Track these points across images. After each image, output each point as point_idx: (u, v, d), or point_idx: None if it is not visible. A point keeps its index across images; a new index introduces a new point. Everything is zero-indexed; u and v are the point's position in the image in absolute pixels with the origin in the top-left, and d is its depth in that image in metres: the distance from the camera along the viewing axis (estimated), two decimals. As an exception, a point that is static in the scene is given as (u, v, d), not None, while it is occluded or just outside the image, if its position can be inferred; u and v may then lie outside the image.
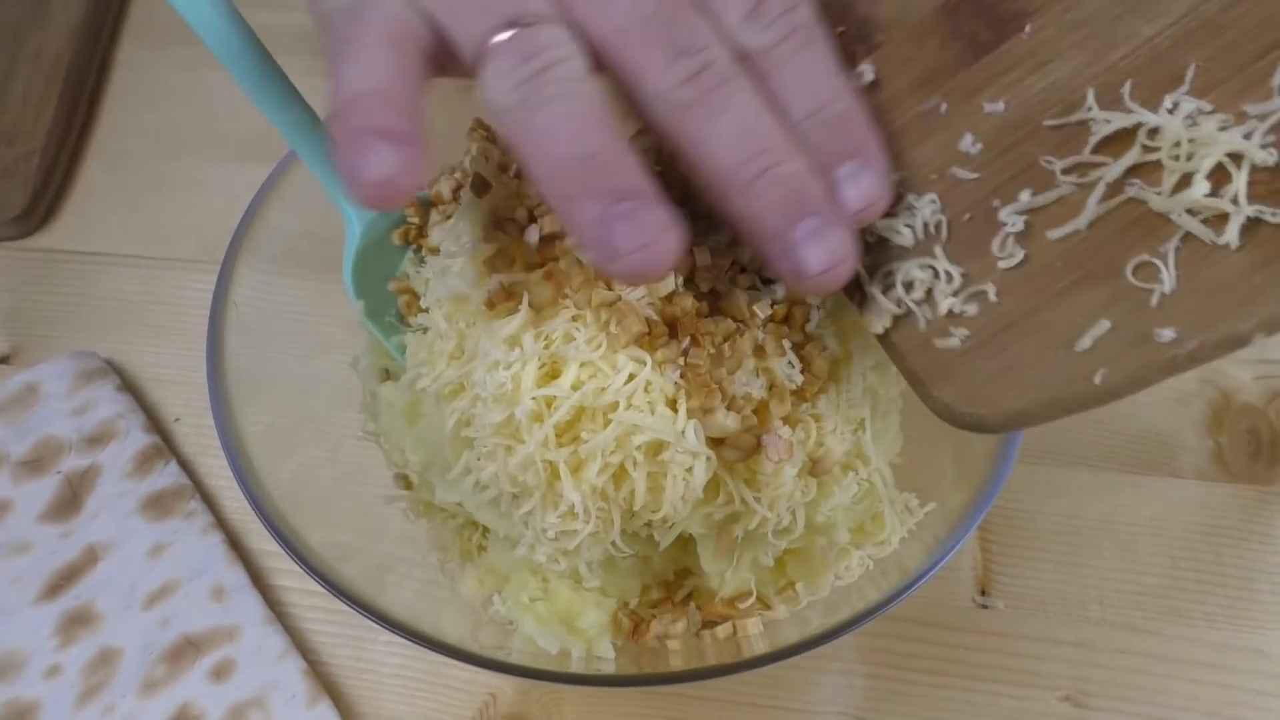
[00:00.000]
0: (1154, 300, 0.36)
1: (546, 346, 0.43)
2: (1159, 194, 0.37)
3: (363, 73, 0.37)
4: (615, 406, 0.42)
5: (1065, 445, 0.69)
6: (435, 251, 0.56)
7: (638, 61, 0.38)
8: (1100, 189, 0.38)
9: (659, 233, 0.37)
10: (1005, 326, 0.40)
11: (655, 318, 0.44)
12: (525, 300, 0.44)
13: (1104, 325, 0.37)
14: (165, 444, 0.67)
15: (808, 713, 0.58)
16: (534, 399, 0.42)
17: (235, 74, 0.52)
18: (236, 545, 0.63)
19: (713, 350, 0.44)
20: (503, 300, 0.44)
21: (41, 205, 0.79)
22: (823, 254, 0.39)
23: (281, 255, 0.61)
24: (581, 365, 0.42)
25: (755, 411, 0.45)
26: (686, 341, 0.44)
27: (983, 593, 0.63)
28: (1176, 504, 0.67)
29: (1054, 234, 0.39)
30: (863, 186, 0.40)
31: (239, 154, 0.83)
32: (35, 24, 0.87)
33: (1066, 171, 0.39)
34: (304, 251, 0.62)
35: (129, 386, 0.70)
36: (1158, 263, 0.36)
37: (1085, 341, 0.37)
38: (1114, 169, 0.38)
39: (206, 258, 0.77)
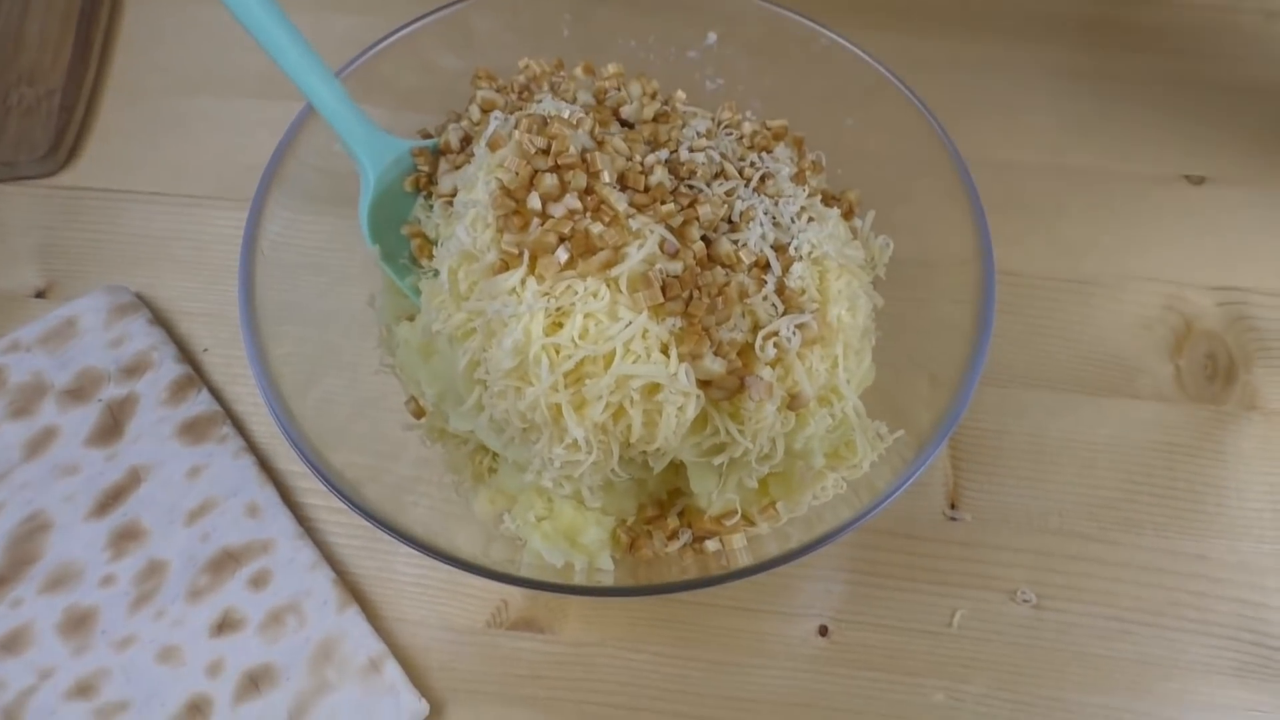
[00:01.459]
0: None
1: (550, 298, 0.47)
2: None
3: None
4: (615, 355, 0.46)
5: (1032, 368, 0.74)
6: (444, 197, 0.60)
7: None
8: None
9: None
10: None
11: (664, 278, 0.48)
12: (525, 255, 0.48)
13: None
14: (196, 373, 0.72)
15: (789, 615, 0.65)
16: (543, 347, 0.47)
17: (250, 28, 0.56)
18: (266, 467, 0.69)
19: (708, 300, 0.49)
20: (515, 263, 0.48)
21: (65, 144, 0.82)
22: None
23: (304, 192, 0.65)
24: (585, 316, 0.47)
25: (739, 354, 0.50)
26: (689, 293, 0.49)
27: (952, 506, 0.69)
28: (1135, 423, 0.72)
29: None
30: None
31: (251, 90, 0.87)
32: (46, -40, 0.90)
33: None
34: (322, 188, 0.66)
35: (159, 319, 0.74)
36: None
37: None
38: None
39: (225, 194, 0.82)
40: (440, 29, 0.69)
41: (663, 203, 0.52)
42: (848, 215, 0.63)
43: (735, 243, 0.53)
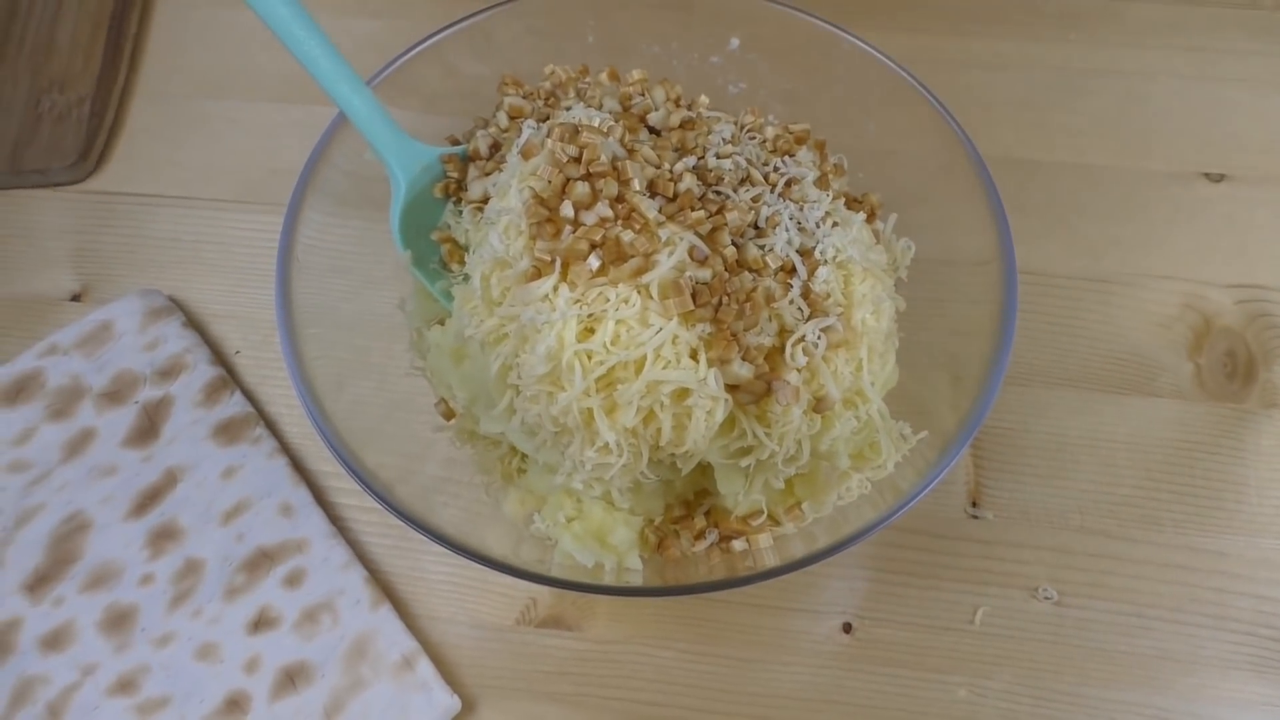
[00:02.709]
0: None
1: (583, 305, 0.48)
2: None
3: None
4: (646, 360, 0.48)
5: (1052, 367, 0.74)
6: (474, 204, 0.61)
7: None
8: None
9: None
10: None
11: (694, 285, 0.49)
12: (558, 263, 0.49)
13: None
14: (229, 375, 0.73)
15: (814, 612, 0.66)
16: (575, 353, 0.48)
17: (283, 38, 0.57)
18: (299, 468, 0.70)
19: (736, 306, 0.50)
20: (548, 270, 0.49)
21: (95, 149, 0.84)
22: None
23: (334, 196, 0.66)
24: (617, 323, 0.48)
25: (766, 358, 0.51)
26: (718, 299, 0.50)
27: (974, 504, 0.69)
28: (1154, 421, 0.73)
29: None
30: None
31: (276, 94, 0.88)
32: (76, -34, 0.91)
33: None
34: (351, 192, 0.67)
35: (191, 322, 0.76)
36: None
37: None
38: None
39: (252, 198, 0.83)
40: (466, 35, 0.70)
41: (692, 210, 0.53)
42: (870, 218, 0.64)
43: (762, 248, 0.54)
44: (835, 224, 0.57)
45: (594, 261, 0.49)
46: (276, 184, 0.80)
